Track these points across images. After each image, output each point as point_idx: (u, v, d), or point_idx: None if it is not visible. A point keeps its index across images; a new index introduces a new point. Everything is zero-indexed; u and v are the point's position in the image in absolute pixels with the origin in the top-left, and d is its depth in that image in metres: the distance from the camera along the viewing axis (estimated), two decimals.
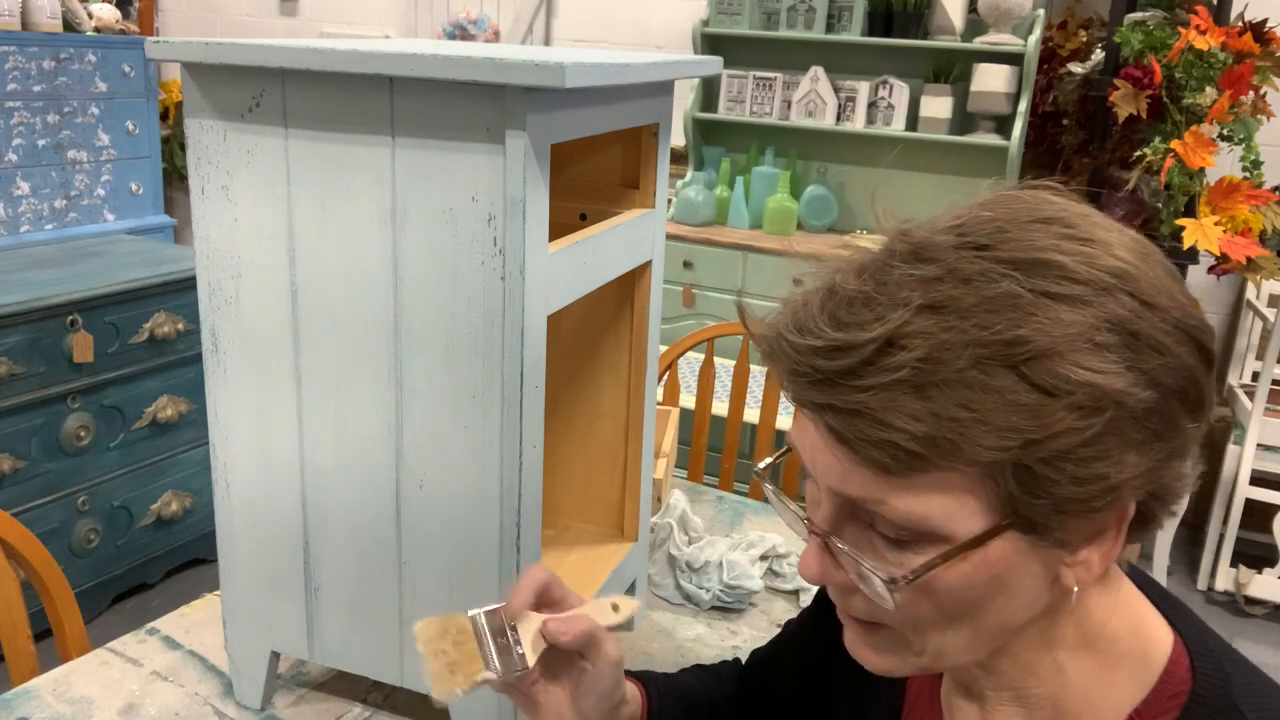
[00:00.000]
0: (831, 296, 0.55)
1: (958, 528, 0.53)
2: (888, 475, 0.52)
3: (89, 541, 2.49)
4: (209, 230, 1.00)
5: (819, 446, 0.55)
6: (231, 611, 1.10)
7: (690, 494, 1.66)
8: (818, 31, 3.33)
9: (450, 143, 0.88)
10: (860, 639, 0.62)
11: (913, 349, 0.50)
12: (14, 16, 3.65)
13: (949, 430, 0.50)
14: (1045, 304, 0.51)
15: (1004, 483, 0.52)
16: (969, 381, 0.50)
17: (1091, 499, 0.53)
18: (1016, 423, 0.50)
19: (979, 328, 0.50)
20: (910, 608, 0.56)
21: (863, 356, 0.51)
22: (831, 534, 0.57)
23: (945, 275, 0.52)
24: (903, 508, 0.53)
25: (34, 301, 2.26)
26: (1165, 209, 2.70)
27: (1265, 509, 2.89)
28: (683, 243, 3.30)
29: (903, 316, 0.51)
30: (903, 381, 0.50)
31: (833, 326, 0.53)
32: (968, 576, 0.55)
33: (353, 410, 0.98)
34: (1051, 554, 0.56)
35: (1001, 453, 0.50)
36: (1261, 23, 2.64)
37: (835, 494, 0.56)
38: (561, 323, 1.29)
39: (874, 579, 0.55)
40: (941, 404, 0.50)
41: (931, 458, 0.51)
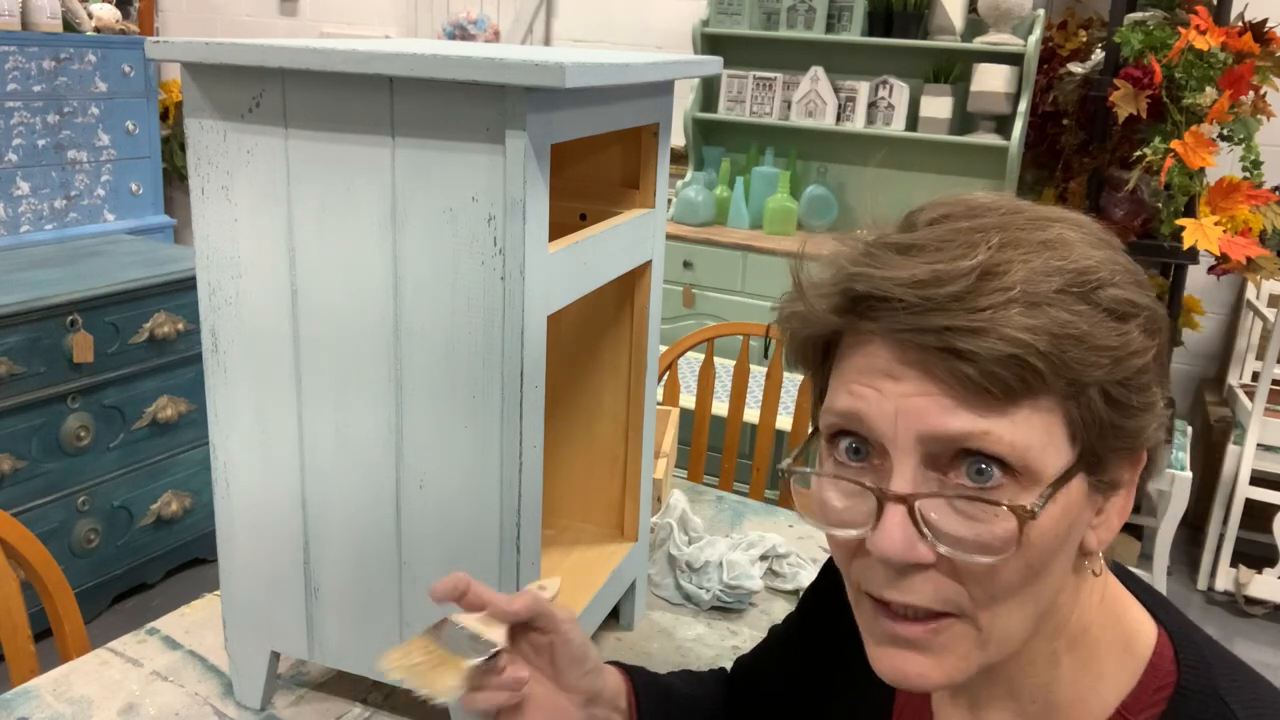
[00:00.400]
0: (892, 248, 0.56)
1: (1049, 462, 0.54)
2: (996, 401, 0.53)
3: (89, 541, 2.49)
4: (209, 230, 1.00)
5: (909, 391, 0.54)
6: (231, 611, 1.10)
7: (690, 494, 1.66)
8: (818, 31, 3.33)
9: (450, 143, 0.88)
10: (913, 647, 0.57)
11: (1012, 274, 0.53)
12: (14, 16, 3.65)
13: (1059, 345, 0.52)
14: (1087, 246, 0.56)
15: (1088, 408, 0.54)
16: (1064, 304, 0.53)
17: (1142, 430, 0.56)
18: (1108, 340, 0.53)
19: (1055, 259, 0.54)
20: (1006, 565, 0.54)
21: (969, 283, 0.53)
22: (918, 494, 0.55)
23: (1002, 225, 0.56)
24: (1008, 437, 0.53)
25: (34, 301, 2.26)
26: (1165, 209, 2.70)
27: (1265, 509, 2.89)
28: (683, 243, 3.30)
29: (988, 250, 0.54)
30: (1014, 301, 0.52)
31: (923, 263, 0.54)
32: (1056, 522, 0.55)
33: (353, 410, 0.98)
34: (1095, 503, 0.57)
35: (1097, 369, 0.53)
36: (1261, 23, 2.64)
37: (927, 439, 0.54)
38: (561, 323, 1.29)
39: (990, 527, 0.53)
40: (1049, 321, 0.52)
41: (1047, 374, 0.52)
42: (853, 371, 0.57)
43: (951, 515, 0.54)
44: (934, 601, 0.56)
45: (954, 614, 0.56)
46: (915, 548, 0.54)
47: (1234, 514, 2.90)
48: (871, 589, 0.58)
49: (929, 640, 0.57)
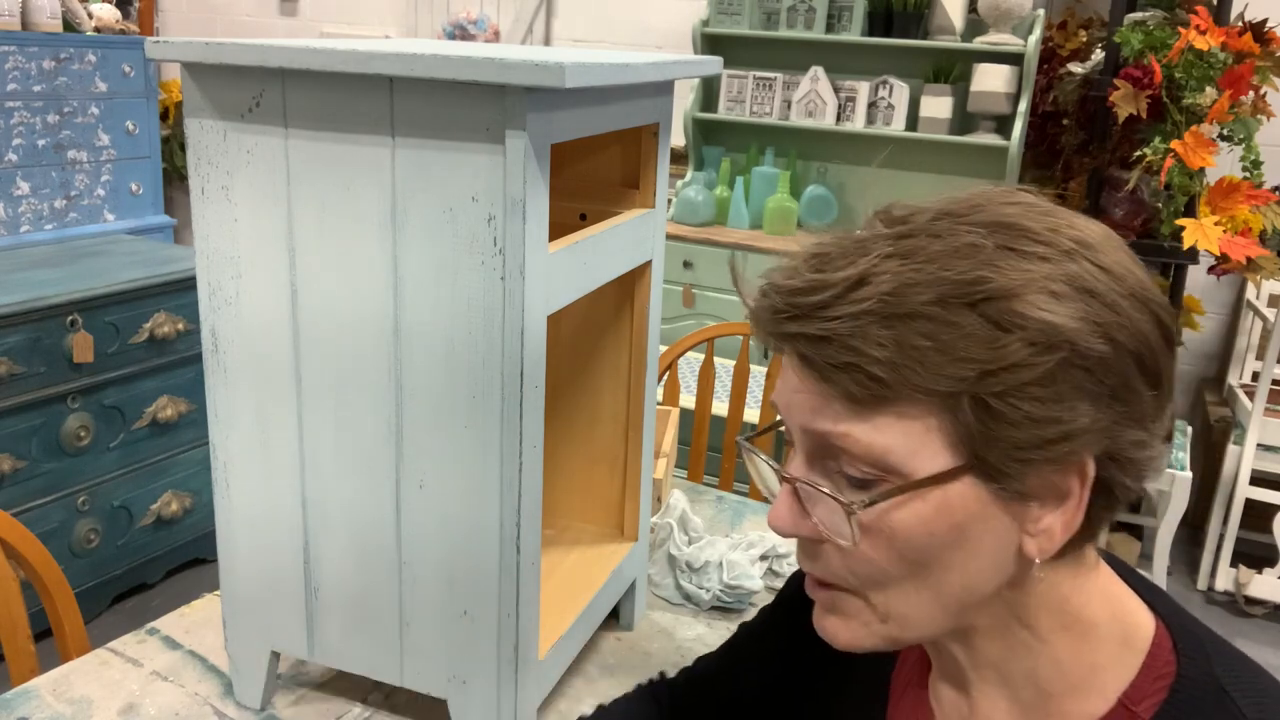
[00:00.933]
0: (812, 253, 0.60)
1: (919, 465, 0.56)
2: (853, 405, 0.56)
3: (89, 541, 2.49)
4: (209, 230, 1.00)
5: (793, 387, 0.59)
6: (231, 611, 1.10)
7: (690, 494, 1.66)
8: (818, 31, 3.33)
9: (450, 143, 0.88)
10: (824, 608, 0.64)
11: (880, 284, 0.55)
12: (14, 16, 3.65)
13: (910, 357, 0.54)
14: (1006, 255, 0.55)
15: (963, 418, 0.55)
16: (930, 315, 0.54)
17: (1047, 444, 0.55)
18: (973, 353, 0.54)
19: (942, 269, 0.55)
20: (870, 553, 0.58)
21: (835, 292, 0.56)
22: (800, 480, 0.60)
23: (916, 232, 0.58)
24: (865, 440, 0.56)
25: (34, 301, 2.26)
26: (1165, 209, 2.70)
27: (1265, 509, 2.89)
28: (683, 243, 3.30)
29: (873, 260, 0.56)
30: (869, 312, 0.54)
31: (812, 271, 0.58)
32: (928, 521, 0.57)
33: (353, 410, 0.98)
34: (1014, 512, 0.57)
35: (959, 382, 0.54)
36: (1261, 23, 2.64)
37: (805, 433, 0.59)
38: (561, 323, 1.29)
39: (834, 513, 0.58)
40: (904, 333, 0.54)
41: (894, 384, 0.54)
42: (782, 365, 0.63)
43: (818, 500, 0.59)
44: (825, 575, 0.62)
45: (844, 589, 0.61)
46: (799, 524, 0.61)
47: (1234, 514, 2.90)
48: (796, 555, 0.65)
49: (831, 604, 0.63)
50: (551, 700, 1.15)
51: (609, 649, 1.26)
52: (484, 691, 1.01)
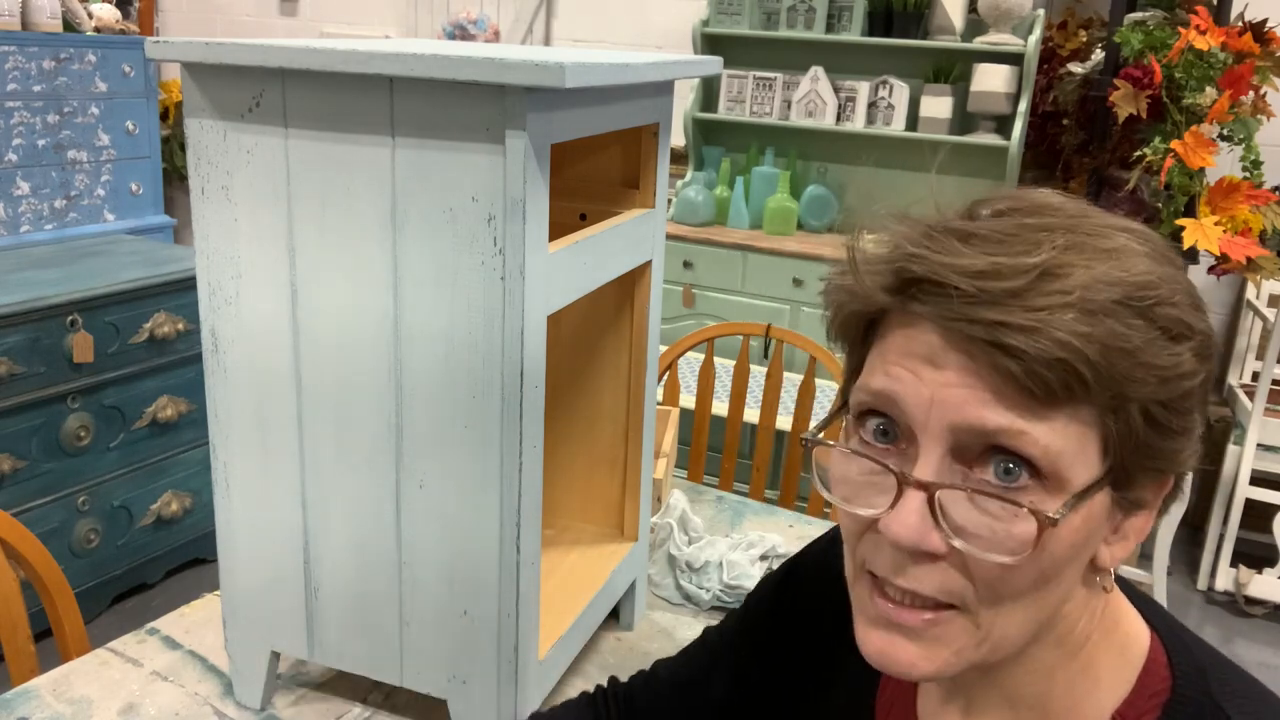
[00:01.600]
0: (955, 235, 0.55)
1: (1078, 472, 0.53)
2: (1036, 403, 0.52)
3: (89, 541, 2.49)
4: (209, 230, 1.00)
5: (949, 380, 0.53)
6: (231, 611, 1.10)
7: (690, 494, 1.66)
8: (818, 31, 3.33)
9: (450, 143, 0.88)
10: (907, 633, 0.56)
11: (1073, 278, 0.52)
12: (14, 16, 3.65)
13: (1110, 357, 0.51)
14: (1150, 261, 0.54)
15: (1126, 425, 0.53)
16: (1118, 315, 0.52)
17: (1174, 454, 0.55)
18: (1157, 359, 0.52)
19: (1117, 269, 0.53)
20: (1019, 568, 0.53)
21: (1028, 280, 0.52)
22: (938, 484, 0.54)
23: (1068, 226, 0.55)
24: (1044, 440, 0.52)
25: (34, 301, 2.26)
26: (1165, 209, 2.70)
27: (1265, 509, 2.89)
28: (683, 243, 3.30)
29: (1052, 251, 0.53)
30: (1072, 305, 0.51)
31: (985, 254, 0.53)
32: (1075, 532, 0.54)
33: (353, 410, 0.98)
34: (1114, 520, 0.56)
35: (1142, 386, 0.52)
36: (1261, 23, 2.64)
37: (960, 430, 0.53)
38: (561, 323, 1.29)
39: (1009, 528, 0.53)
40: (1103, 331, 0.51)
41: (1092, 384, 0.51)
42: (893, 353, 0.56)
43: (971, 510, 0.54)
44: (938, 592, 0.55)
45: (955, 606, 0.55)
46: (928, 536, 0.54)
47: (1234, 514, 2.90)
48: (875, 568, 0.57)
49: (924, 629, 0.56)
50: (551, 700, 1.15)
51: (609, 649, 1.26)
52: (484, 691, 1.01)
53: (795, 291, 3.18)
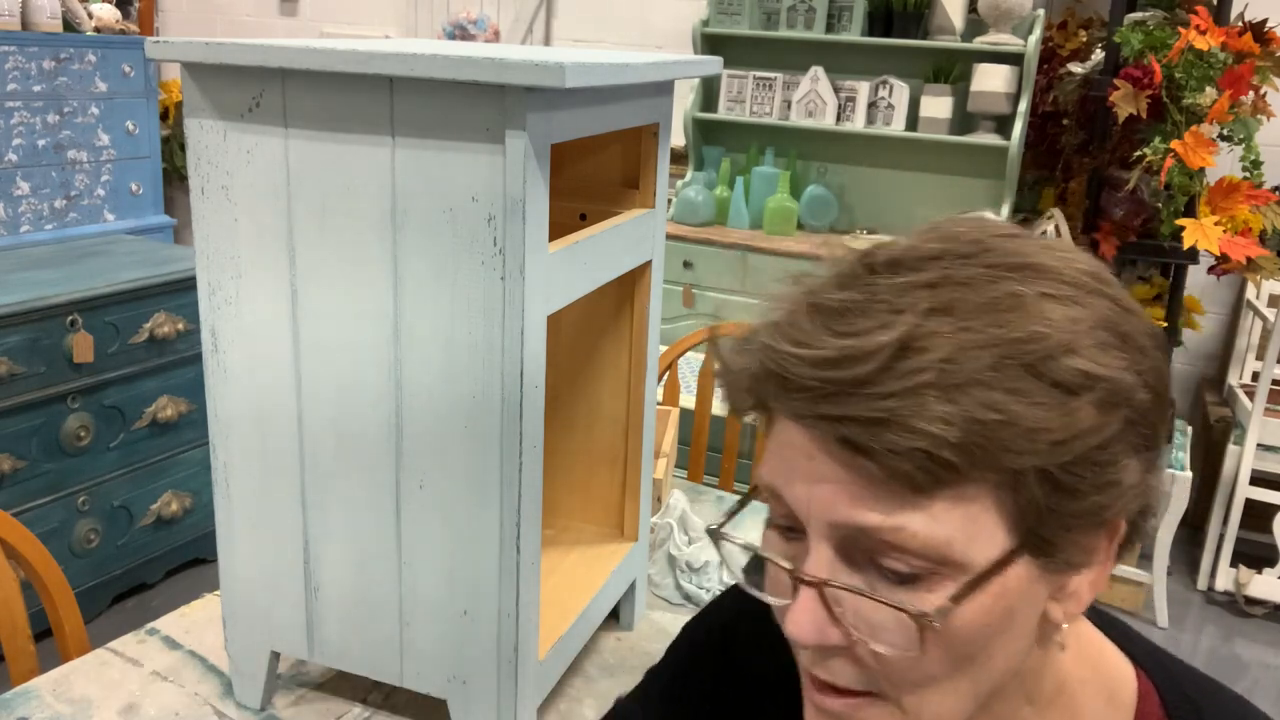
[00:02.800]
0: (818, 310, 0.51)
1: (977, 553, 0.49)
2: (909, 494, 0.48)
3: (89, 541, 2.49)
4: (209, 230, 1.00)
5: (820, 476, 0.50)
6: (231, 611, 1.10)
7: (690, 494, 1.66)
8: (818, 31, 3.33)
9: (450, 143, 0.88)
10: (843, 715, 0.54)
11: (933, 350, 0.47)
12: (14, 16, 3.65)
13: (980, 433, 0.47)
14: (1048, 303, 0.49)
15: (1025, 495, 0.49)
16: (991, 383, 0.47)
17: (1102, 509, 0.51)
18: (1044, 423, 0.47)
19: (993, 326, 0.48)
20: (923, 657, 0.51)
21: (879, 362, 0.47)
22: (836, 584, 0.51)
23: (941, 281, 0.50)
24: (924, 532, 0.48)
25: (34, 301, 2.26)
26: (1165, 209, 2.70)
27: (1265, 509, 2.89)
28: (683, 243, 3.29)
29: (913, 320, 0.48)
30: (929, 385, 0.47)
31: (835, 336, 0.49)
32: (986, 611, 0.50)
33: (352, 410, 0.98)
34: (1051, 582, 0.53)
35: (1031, 456, 0.47)
36: (1261, 23, 2.64)
37: (839, 528, 0.51)
38: (561, 323, 1.29)
39: (896, 624, 0.50)
40: (969, 406, 0.47)
41: (963, 467, 0.47)
42: (775, 444, 0.54)
43: (862, 604, 0.51)
44: (853, 682, 0.53)
45: (875, 694, 0.53)
46: (826, 632, 0.52)
47: (1234, 514, 2.90)
48: (801, 661, 0.56)
49: (852, 713, 0.54)
50: (551, 700, 1.15)
51: (609, 649, 1.26)
52: (484, 691, 1.01)
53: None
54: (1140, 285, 3.09)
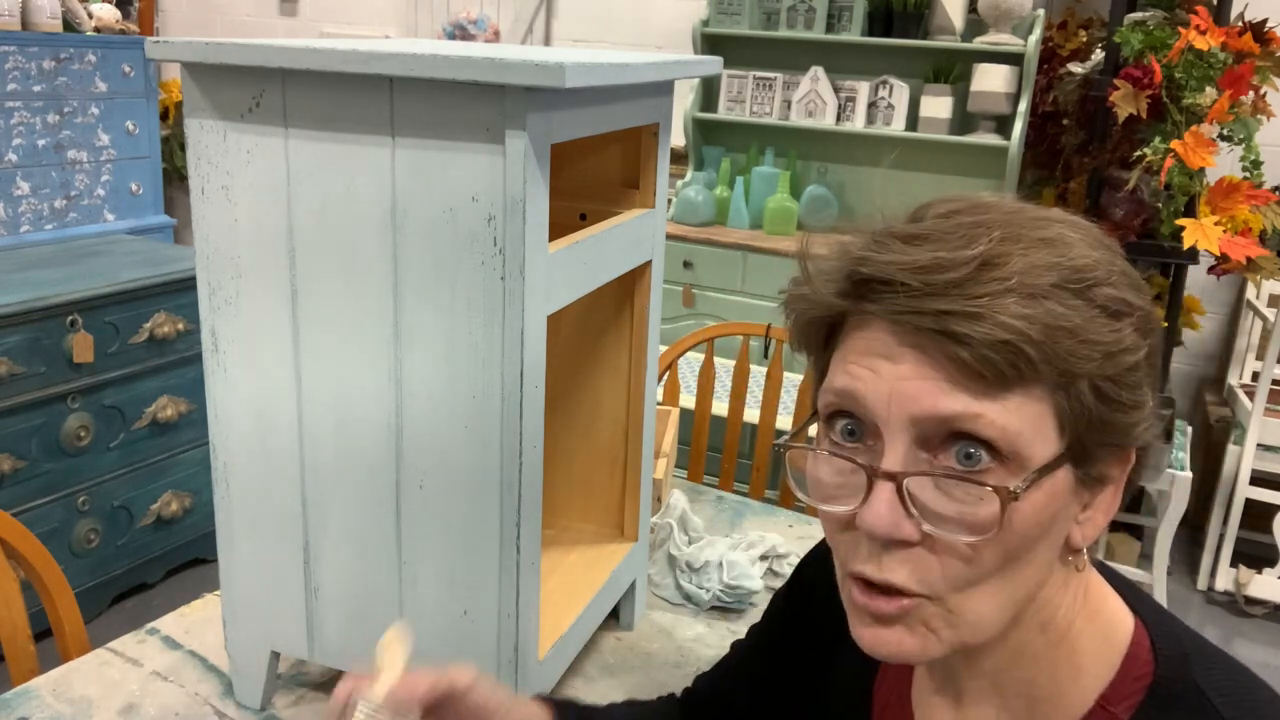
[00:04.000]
0: (898, 237, 0.58)
1: (1037, 450, 0.55)
2: (989, 387, 0.54)
3: (89, 541, 2.49)
4: (209, 230, 1.00)
5: (904, 373, 0.56)
6: (231, 611, 1.10)
7: (690, 494, 1.66)
8: (818, 31, 3.33)
9: (450, 143, 0.88)
10: (886, 621, 0.59)
11: (1010, 265, 0.55)
12: (14, 16, 3.65)
13: (1053, 337, 0.54)
14: (1087, 247, 0.58)
15: (1077, 401, 0.55)
16: (1057, 297, 0.55)
17: (1130, 428, 0.58)
18: (1099, 335, 0.55)
19: (1052, 255, 0.56)
20: (980, 553, 0.56)
21: (969, 270, 0.55)
22: (908, 473, 0.56)
23: (1004, 221, 0.58)
24: (1000, 421, 0.55)
25: (34, 301, 2.26)
26: (1165, 209, 2.70)
27: (1265, 509, 2.89)
28: (683, 243, 3.29)
29: (989, 243, 0.56)
30: (1011, 290, 0.54)
31: (924, 252, 0.56)
32: (1039, 509, 0.56)
33: (353, 411, 0.98)
34: (1080, 498, 0.59)
35: (1087, 362, 0.55)
36: (1261, 23, 2.64)
37: (920, 421, 0.56)
38: (561, 323, 1.29)
39: (972, 510, 0.55)
40: (1044, 312, 0.54)
41: (1039, 363, 0.54)
42: (852, 353, 0.59)
43: (938, 495, 0.56)
44: (909, 580, 0.58)
45: (926, 596, 0.58)
46: (900, 525, 0.56)
47: (1234, 514, 2.90)
48: (853, 565, 0.59)
49: (901, 615, 0.58)
50: None
51: (609, 649, 1.26)
52: None
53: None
54: None
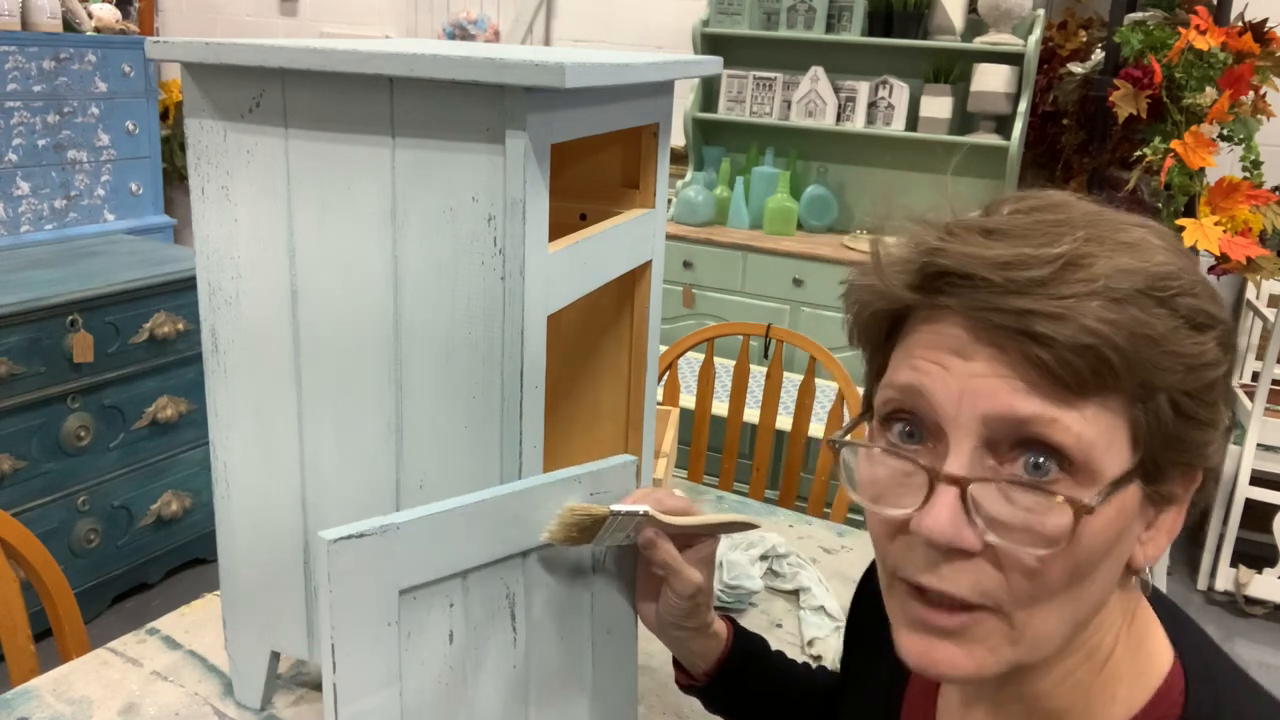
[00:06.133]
0: (979, 230, 0.55)
1: (1109, 463, 0.53)
2: (1066, 392, 0.52)
3: (89, 541, 2.49)
4: (209, 230, 1.00)
5: (977, 371, 0.53)
6: (231, 611, 1.10)
7: (690, 494, 1.65)
8: (818, 31, 3.33)
9: (450, 143, 0.88)
10: (942, 634, 0.56)
11: (1096, 267, 0.52)
12: (14, 16, 3.65)
13: (1137, 344, 0.51)
14: (1168, 254, 0.55)
15: (1154, 415, 0.53)
16: (1141, 304, 0.52)
17: (1203, 447, 0.55)
18: (1184, 347, 0.52)
19: (1136, 260, 0.53)
20: (1048, 567, 0.53)
21: (1054, 269, 0.52)
22: (972, 478, 0.53)
23: (1086, 221, 0.55)
24: (1075, 427, 0.52)
25: (34, 301, 2.26)
26: (1165, 209, 2.70)
27: (1265, 509, 2.89)
28: (683, 243, 3.30)
29: (1074, 242, 0.53)
30: (1097, 293, 0.51)
31: (1006, 247, 0.53)
32: (1109, 524, 0.53)
33: (353, 410, 0.98)
34: (1146, 516, 0.56)
35: (1169, 374, 0.52)
36: (1261, 23, 2.64)
37: (991, 421, 0.53)
38: (561, 323, 1.29)
39: (1040, 522, 0.52)
40: (1129, 318, 0.51)
41: (1120, 371, 0.51)
42: (919, 347, 0.56)
43: (1004, 504, 0.53)
44: (971, 592, 0.54)
45: (988, 608, 0.54)
46: (962, 532, 0.53)
47: (1234, 514, 2.90)
48: (907, 573, 0.56)
49: (960, 630, 0.55)
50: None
51: None
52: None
53: (795, 291, 3.18)
54: None
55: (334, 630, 0.71)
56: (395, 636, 0.74)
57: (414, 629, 0.76)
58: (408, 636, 0.75)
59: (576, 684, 0.88)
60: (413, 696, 0.76)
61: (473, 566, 0.78)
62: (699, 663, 0.91)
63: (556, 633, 0.86)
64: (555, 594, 0.85)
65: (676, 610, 0.85)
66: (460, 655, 0.79)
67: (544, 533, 0.80)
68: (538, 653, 0.84)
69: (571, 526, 0.80)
